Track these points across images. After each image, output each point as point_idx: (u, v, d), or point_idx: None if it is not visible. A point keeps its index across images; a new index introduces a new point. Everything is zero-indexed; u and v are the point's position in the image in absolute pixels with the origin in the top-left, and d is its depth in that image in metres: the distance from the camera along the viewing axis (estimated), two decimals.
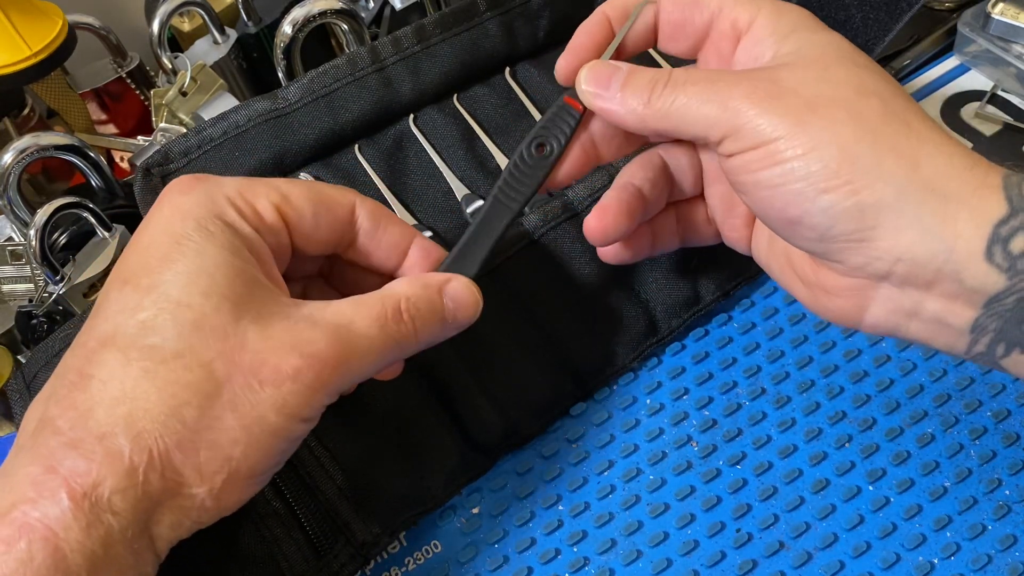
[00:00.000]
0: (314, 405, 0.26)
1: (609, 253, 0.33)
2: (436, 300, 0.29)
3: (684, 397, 0.34)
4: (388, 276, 0.31)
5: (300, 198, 0.29)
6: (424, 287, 0.29)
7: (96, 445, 0.23)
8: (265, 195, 0.28)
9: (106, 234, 0.42)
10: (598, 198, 0.37)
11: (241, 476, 0.25)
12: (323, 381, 0.26)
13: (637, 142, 0.32)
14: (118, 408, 0.23)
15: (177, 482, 0.24)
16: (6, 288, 0.48)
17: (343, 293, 0.30)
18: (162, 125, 0.50)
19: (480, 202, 0.38)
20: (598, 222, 0.31)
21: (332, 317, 0.26)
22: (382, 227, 0.30)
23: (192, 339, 0.24)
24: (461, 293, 0.29)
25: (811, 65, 0.26)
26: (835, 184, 0.24)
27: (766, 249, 0.30)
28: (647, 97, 0.27)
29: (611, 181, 0.38)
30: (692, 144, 0.31)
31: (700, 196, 0.33)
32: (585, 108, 0.29)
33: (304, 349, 0.25)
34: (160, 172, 0.37)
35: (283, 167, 0.39)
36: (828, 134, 0.25)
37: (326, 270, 0.32)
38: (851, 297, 0.26)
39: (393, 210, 0.39)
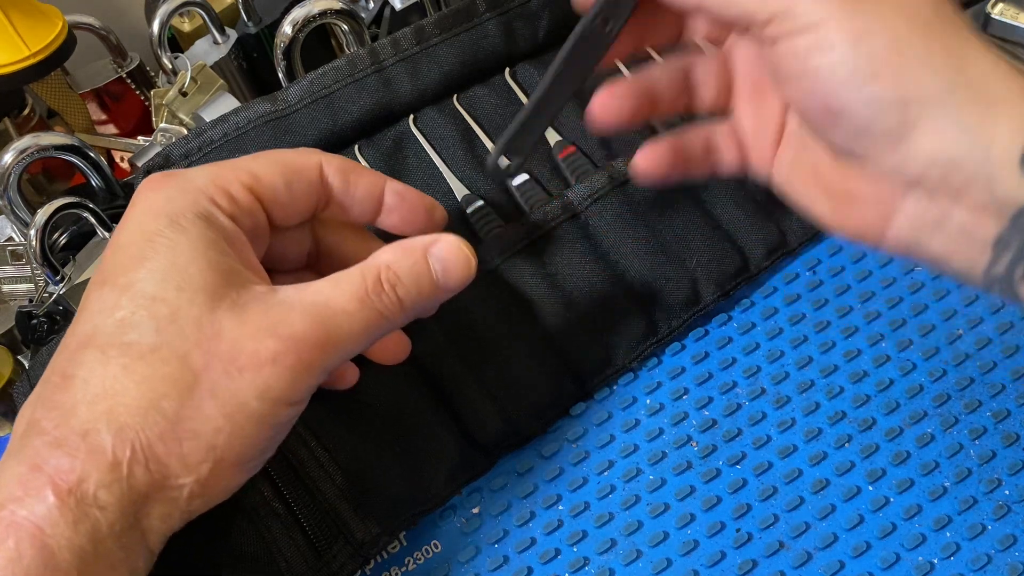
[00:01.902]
0: (298, 388, 0.26)
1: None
2: (420, 265, 0.28)
3: (684, 397, 0.34)
4: (374, 242, 0.31)
5: (270, 173, 0.28)
6: (406, 252, 0.27)
7: (79, 442, 0.23)
8: (236, 179, 0.28)
9: (106, 234, 0.42)
10: (598, 199, 0.38)
11: (228, 464, 0.25)
12: (304, 362, 0.25)
13: (672, 28, 0.30)
14: (99, 405, 0.24)
15: (163, 474, 0.24)
16: (6, 288, 0.48)
17: None
18: (162, 125, 0.50)
19: (480, 202, 0.38)
20: (602, 96, 0.29)
21: (309, 296, 0.26)
22: (352, 180, 0.30)
23: (168, 332, 0.24)
24: (450, 253, 0.28)
25: None
26: (883, 74, 0.24)
27: (790, 166, 0.29)
28: None
29: (611, 181, 0.38)
30: (723, 53, 0.30)
31: (723, 115, 0.31)
32: None
33: (281, 331, 0.25)
34: None
35: None
36: (880, 23, 0.24)
37: (314, 259, 0.32)
38: (877, 206, 0.26)
39: None
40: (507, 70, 0.43)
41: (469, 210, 0.38)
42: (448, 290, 0.28)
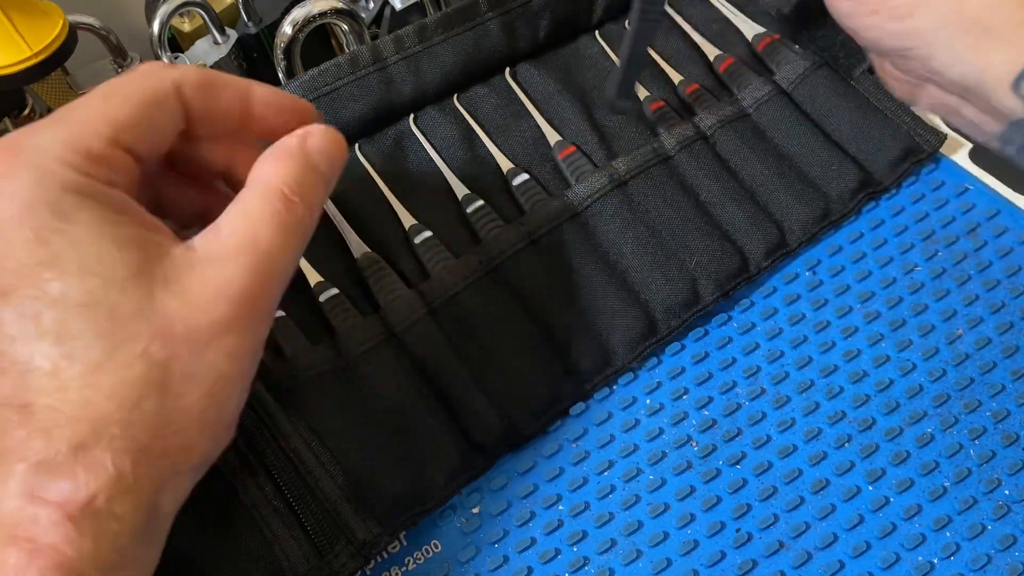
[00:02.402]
0: (260, 334, 0.26)
1: None
2: (308, 166, 0.27)
3: (684, 397, 0.34)
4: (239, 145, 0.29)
5: (128, 114, 0.25)
6: (289, 158, 0.27)
7: (73, 464, 0.22)
8: (95, 135, 0.24)
9: None
10: (598, 199, 0.38)
11: (221, 428, 0.25)
12: (260, 310, 0.25)
13: None
14: (78, 426, 0.22)
15: (168, 466, 0.24)
16: None
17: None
18: None
19: (480, 202, 0.38)
20: None
21: (233, 242, 0.25)
22: (214, 95, 0.27)
23: (115, 336, 0.23)
24: (325, 143, 0.28)
25: None
26: (882, 7, 0.30)
27: None
28: None
29: (611, 182, 0.38)
30: None
31: None
32: None
33: (228, 292, 0.24)
34: None
35: None
36: None
37: (200, 206, 0.30)
38: (906, 85, 0.33)
39: (393, 209, 0.39)
40: (507, 70, 0.43)
41: (469, 210, 0.38)
42: (335, 178, 0.28)
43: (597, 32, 0.45)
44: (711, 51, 0.44)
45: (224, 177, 0.31)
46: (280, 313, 0.35)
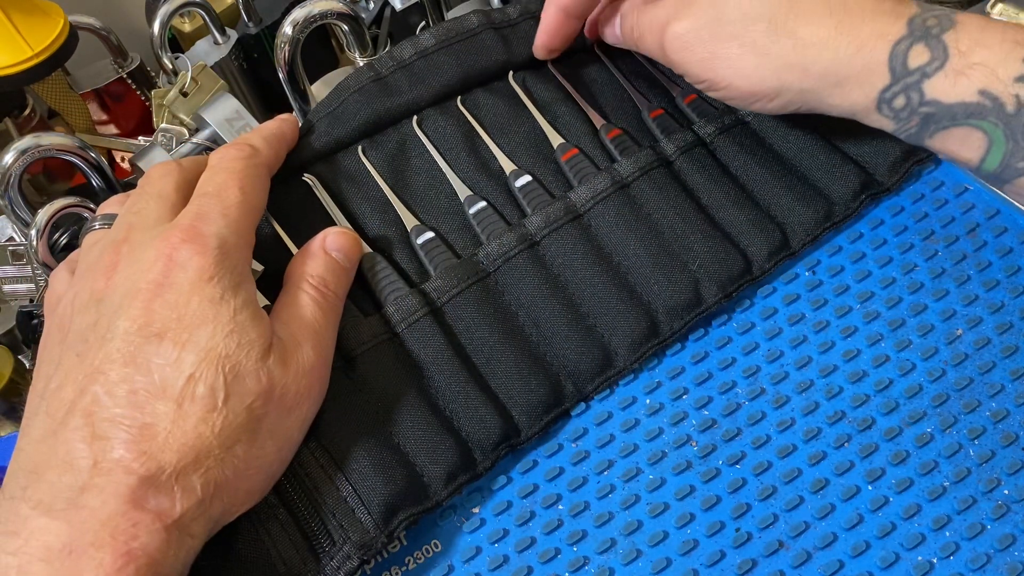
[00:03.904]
0: (318, 408, 0.32)
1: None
2: (329, 259, 0.34)
3: (683, 397, 0.34)
4: None
5: (259, 204, 0.34)
6: (314, 256, 0.34)
7: (173, 484, 0.26)
8: (250, 226, 0.32)
9: None
10: (600, 200, 0.38)
11: (273, 479, 0.30)
12: (324, 383, 0.32)
13: None
14: (187, 453, 0.27)
15: (232, 502, 0.28)
16: (7, 288, 0.48)
17: None
18: (163, 126, 0.50)
19: (483, 203, 0.38)
20: (541, 37, 0.42)
21: (303, 327, 0.32)
22: (278, 155, 0.38)
23: (235, 386, 0.28)
24: (340, 242, 0.35)
25: None
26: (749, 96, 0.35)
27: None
28: None
29: (613, 184, 0.38)
30: None
31: None
32: None
33: (307, 367, 0.31)
34: None
35: (286, 170, 0.39)
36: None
37: None
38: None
39: (396, 211, 0.39)
40: (511, 73, 0.43)
41: (472, 211, 0.38)
42: (354, 266, 0.36)
43: (596, 47, 0.45)
44: None
45: None
46: None
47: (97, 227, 0.34)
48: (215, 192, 0.32)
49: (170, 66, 0.52)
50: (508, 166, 0.40)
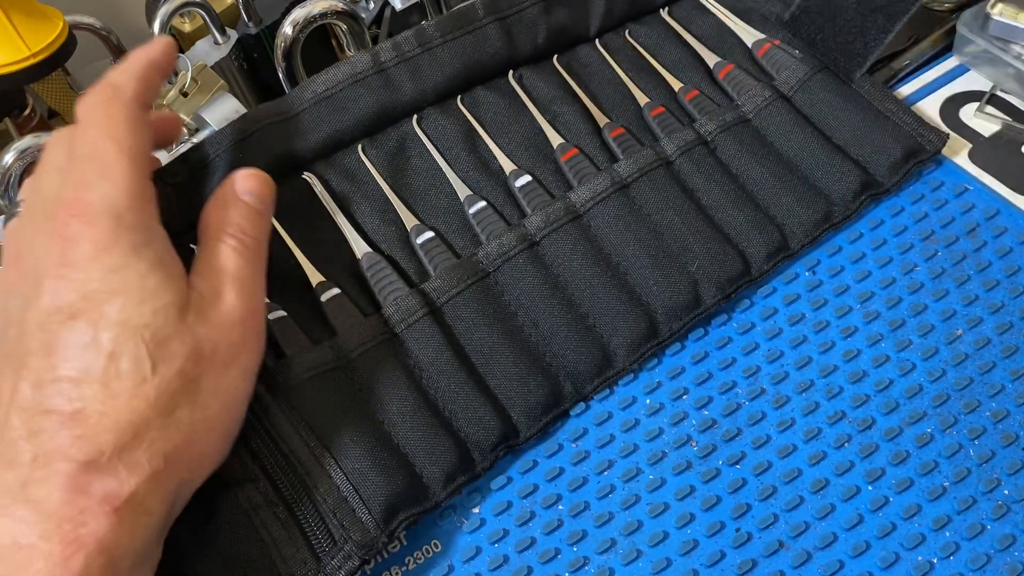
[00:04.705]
0: (261, 355, 0.31)
1: None
2: (245, 206, 0.32)
3: (683, 397, 0.34)
4: None
5: (138, 143, 0.30)
6: (226, 204, 0.32)
7: (117, 463, 0.26)
8: (137, 175, 0.29)
9: None
10: (600, 201, 0.38)
11: (229, 439, 0.30)
12: (258, 331, 0.31)
13: None
14: (125, 431, 0.26)
15: (190, 470, 0.28)
16: None
17: None
18: None
19: (483, 203, 0.38)
20: None
21: (218, 278, 0.30)
22: (151, 84, 0.33)
23: (160, 354, 0.27)
24: (252, 184, 0.33)
25: None
26: None
27: None
28: None
29: (613, 184, 0.38)
30: None
31: None
32: None
33: (236, 318, 0.30)
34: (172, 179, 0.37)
35: (286, 168, 0.39)
36: None
37: None
38: None
39: (396, 210, 0.39)
40: (511, 72, 0.43)
41: (471, 211, 0.38)
42: (270, 208, 0.34)
43: (597, 41, 0.45)
44: (711, 58, 0.44)
45: None
46: (281, 313, 0.35)
47: (17, 213, 0.32)
48: (89, 154, 0.30)
49: None
50: (508, 166, 0.40)
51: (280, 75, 0.45)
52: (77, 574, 0.24)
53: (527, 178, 0.39)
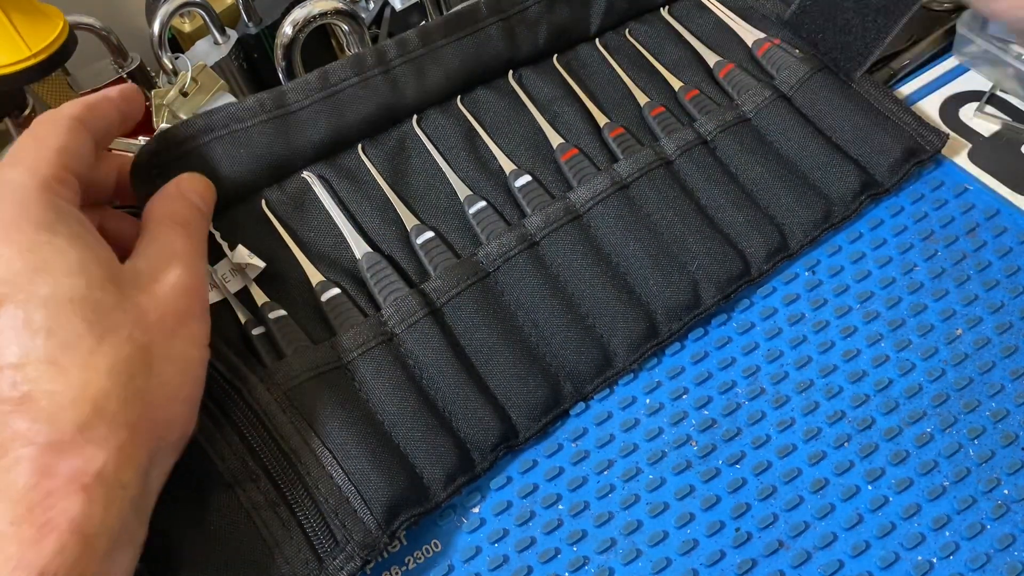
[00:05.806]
0: (208, 324, 0.31)
1: None
2: (188, 202, 0.34)
3: (683, 397, 0.34)
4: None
5: (64, 144, 0.30)
6: (170, 199, 0.33)
7: (80, 440, 0.25)
8: (53, 162, 0.29)
9: None
10: (600, 201, 0.38)
11: (194, 405, 0.30)
12: (204, 301, 0.31)
13: None
14: (83, 407, 0.25)
15: (158, 437, 0.27)
16: None
17: None
18: (163, 126, 0.50)
19: (483, 203, 0.39)
20: None
21: (162, 255, 0.31)
22: (98, 114, 0.33)
23: (102, 326, 0.27)
24: (195, 184, 0.35)
25: None
26: None
27: None
28: None
29: (613, 184, 0.38)
30: None
31: None
32: None
33: (181, 287, 0.30)
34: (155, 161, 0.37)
35: (286, 166, 0.39)
36: None
37: None
38: None
39: (396, 210, 0.39)
40: (510, 73, 0.43)
41: (471, 211, 0.38)
42: (210, 210, 0.35)
43: (597, 40, 0.45)
44: (711, 57, 0.44)
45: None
46: (281, 313, 0.35)
47: None
48: (11, 152, 0.30)
49: (170, 66, 0.52)
50: (508, 166, 0.40)
51: (280, 75, 0.45)
52: (51, 556, 0.24)
53: (527, 178, 0.39)
